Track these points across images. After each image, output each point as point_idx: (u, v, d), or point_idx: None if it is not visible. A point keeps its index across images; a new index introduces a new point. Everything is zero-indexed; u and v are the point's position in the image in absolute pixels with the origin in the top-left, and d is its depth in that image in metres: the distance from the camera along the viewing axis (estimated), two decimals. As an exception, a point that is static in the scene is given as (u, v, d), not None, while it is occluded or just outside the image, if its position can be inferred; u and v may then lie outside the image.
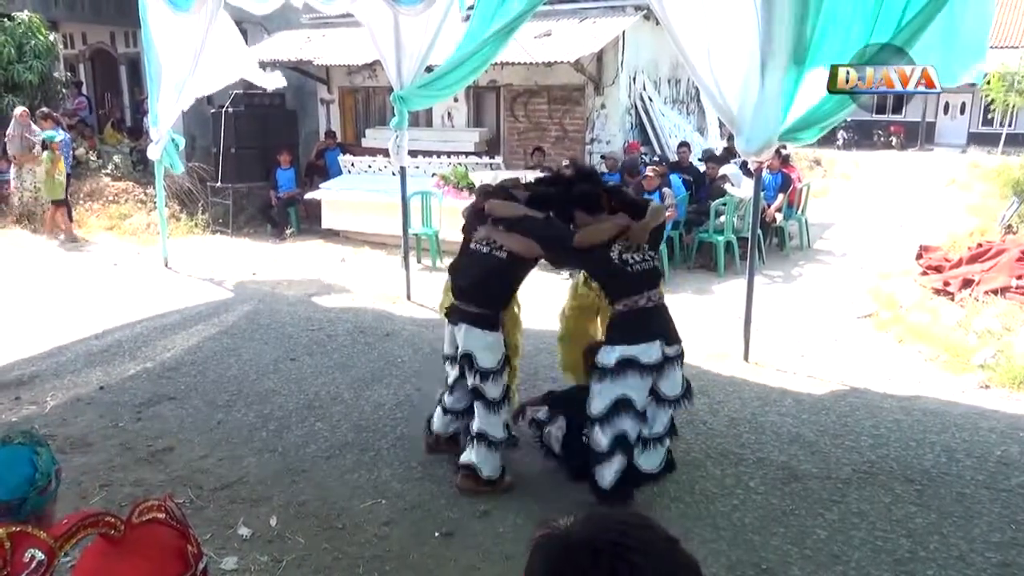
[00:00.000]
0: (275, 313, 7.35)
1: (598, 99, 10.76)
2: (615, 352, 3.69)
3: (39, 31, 13.06)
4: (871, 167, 20.71)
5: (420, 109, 10.80)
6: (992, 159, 20.71)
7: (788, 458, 4.42)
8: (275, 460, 4.46)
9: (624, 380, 3.65)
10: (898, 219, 12.66)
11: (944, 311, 7.09)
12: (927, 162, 23.49)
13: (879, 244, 10.65)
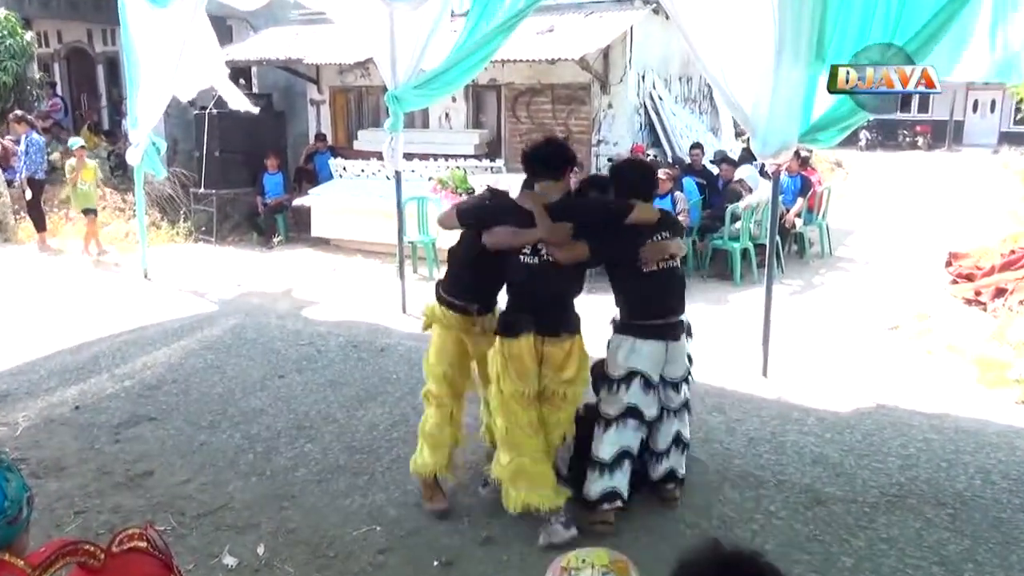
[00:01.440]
0: (262, 327, 7.34)
1: (605, 98, 10.79)
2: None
3: (14, 30, 13.13)
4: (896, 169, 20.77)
5: (416, 109, 10.82)
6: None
7: (811, 480, 4.40)
8: (262, 484, 4.44)
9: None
10: (925, 224, 12.66)
11: (976, 322, 7.08)
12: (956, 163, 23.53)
13: (905, 251, 10.65)
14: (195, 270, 9.89)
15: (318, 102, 13.07)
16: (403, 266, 8.08)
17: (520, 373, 3.71)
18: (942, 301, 7.86)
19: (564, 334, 3.76)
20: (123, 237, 11.32)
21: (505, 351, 3.73)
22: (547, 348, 3.73)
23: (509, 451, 3.77)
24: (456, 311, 4.01)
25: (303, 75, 12.91)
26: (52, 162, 12.12)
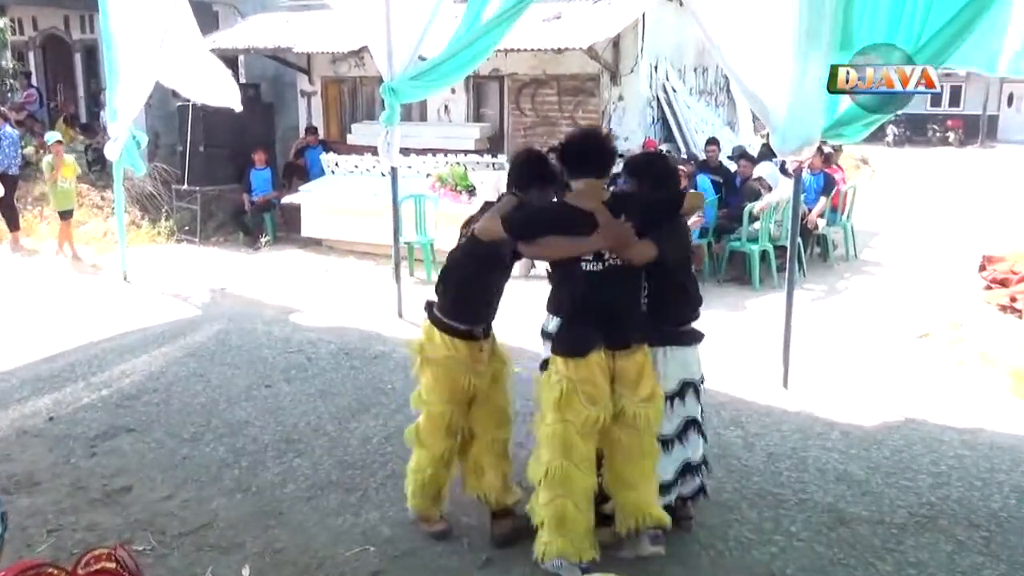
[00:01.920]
0: (248, 333, 7.34)
1: (615, 90, 10.81)
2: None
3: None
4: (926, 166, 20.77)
5: (413, 102, 10.86)
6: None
7: (834, 499, 4.38)
8: (248, 501, 4.43)
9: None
10: (957, 225, 12.64)
11: (1011, 330, 7.07)
12: (989, 160, 23.53)
13: (935, 254, 10.64)
14: (177, 272, 9.89)
15: (309, 93, 13.11)
16: (399, 269, 8.08)
17: (593, 397, 3.44)
18: (975, 308, 7.84)
19: (634, 344, 3.53)
20: (101, 237, 11.34)
21: (572, 374, 3.44)
22: (619, 363, 3.49)
23: (553, 489, 3.49)
24: (461, 337, 3.78)
25: (293, 64, 12.95)
26: (26, 156, 12.17)
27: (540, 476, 3.54)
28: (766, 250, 9.15)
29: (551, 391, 3.49)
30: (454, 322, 3.80)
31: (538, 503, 3.57)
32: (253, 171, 11.79)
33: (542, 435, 3.55)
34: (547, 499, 3.51)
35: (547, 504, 3.51)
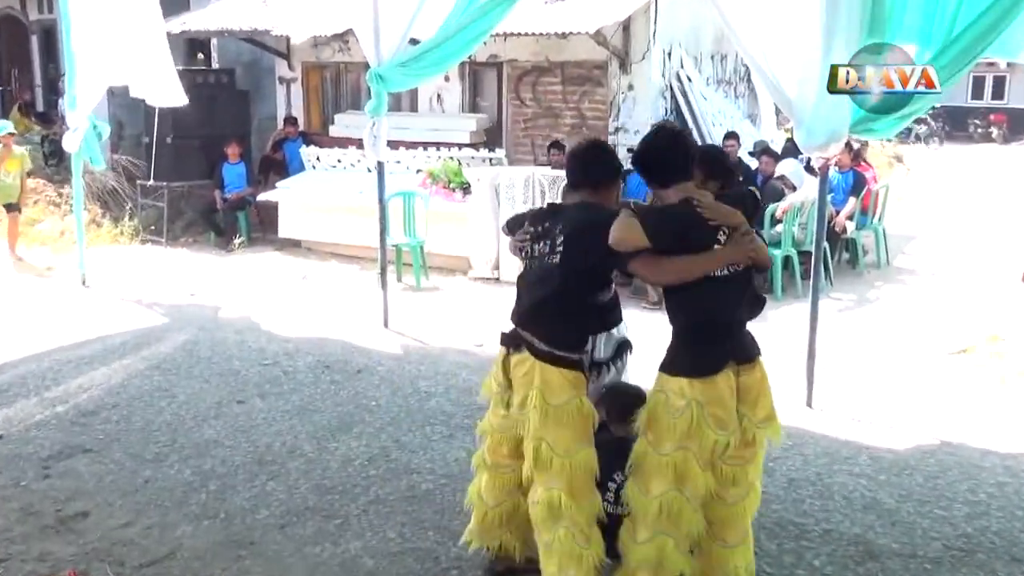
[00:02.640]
0: (219, 344, 7.35)
1: (624, 79, 10.82)
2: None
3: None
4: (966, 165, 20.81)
5: (403, 90, 10.87)
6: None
7: (862, 530, 4.38)
8: (216, 529, 4.43)
9: None
10: (999, 230, 12.66)
11: (1058, 345, 7.08)
12: (1037, 158, 23.54)
13: (975, 261, 10.66)
14: (142, 276, 9.90)
15: (288, 80, 13.12)
16: (385, 274, 8.08)
17: (723, 421, 3.34)
18: (1018, 319, 7.84)
19: (756, 355, 3.51)
20: (58, 236, 11.35)
21: (700, 396, 3.31)
22: (742, 379, 3.42)
23: (658, 526, 3.37)
24: (578, 369, 3.54)
25: (271, 49, 12.96)
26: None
27: (648, 510, 3.39)
28: (789, 256, 9.16)
29: (675, 417, 3.32)
30: (572, 352, 3.55)
31: (632, 540, 3.45)
32: (226, 165, 11.80)
33: (654, 464, 3.39)
34: (647, 536, 3.40)
35: (646, 542, 3.39)
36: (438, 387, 6.36)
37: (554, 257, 3.47)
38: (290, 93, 13.12)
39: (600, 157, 3.73)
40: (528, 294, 3.59)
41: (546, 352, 3.45)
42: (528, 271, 3.63)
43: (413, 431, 5.57)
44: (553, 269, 3.47)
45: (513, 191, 9.37)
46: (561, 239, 3.47)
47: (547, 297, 3.48)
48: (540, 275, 3.53)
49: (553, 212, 3.67)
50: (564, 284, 3.45)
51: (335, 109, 12.90)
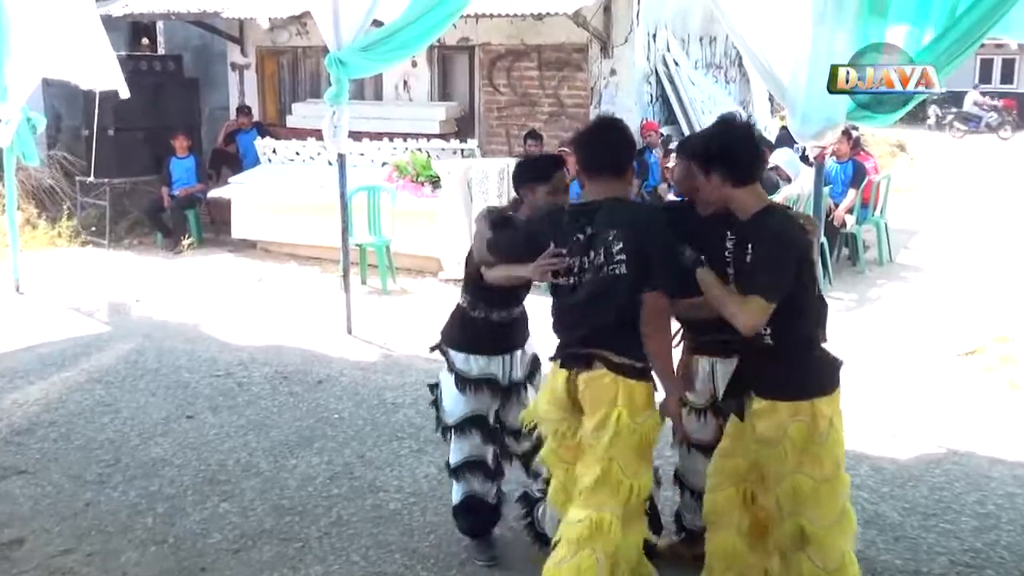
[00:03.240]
0: (166, 353, 7.31)
1: (606, 63, 10.87)
2: None
3: None
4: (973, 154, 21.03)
5: (366, 77, 10.86)
6: None
7: (864, 546, 4.40)
8: (164, 555, 4.40)
9: None
10: (1008, 224, 12.81)
11: (1071, 346, 7.17)
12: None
13: (983, 257, 10.78)
14: (82, 281, 9.83)
15: (241, 67, 13.09)
16: (348, 276, 8.07)
17: (841, 439, 3.57)
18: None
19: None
20: (-11, 239, 11.24)
21: (831, 412, 3.49)
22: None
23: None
24: (652, 382, 3.59)
25: (222, 33, 12.93)
26: None
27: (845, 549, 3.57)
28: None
29: (838, 442, 3.53)
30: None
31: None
32: (173, 160, 11.73)
33: (804, 497, 3.49)
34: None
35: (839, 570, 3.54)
36: (406, 398, 6.34)
37: (617, 268, 3.37)
38: (243, 81, 13.10)
39: (627, 137, 3.70)
40: (587, 312, 3.46)
41: (628, 365, 3.42)
42: (576, 286, 3.49)
43: (379, 446, 5.57)
44: (617, 281, 3.37)
45: (487, 185, 9.37)
46: (619, 246, 3.36)
47: (615, 310, 3.40)
48: (598, 289, 3.42)
49: (586, 213, 3.51)
50: (632, 295, 3.38)
51: (292, 98, 12.89)
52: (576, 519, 3.43)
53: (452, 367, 4.20)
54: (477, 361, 4.16)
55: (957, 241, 11.83)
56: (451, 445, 4.28)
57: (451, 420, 4.22)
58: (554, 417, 3.59)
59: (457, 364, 4.18)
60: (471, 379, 4.16)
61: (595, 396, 3.43)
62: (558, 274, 3.54)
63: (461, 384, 4.16)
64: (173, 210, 11.62)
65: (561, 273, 3.53)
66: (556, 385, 3.55)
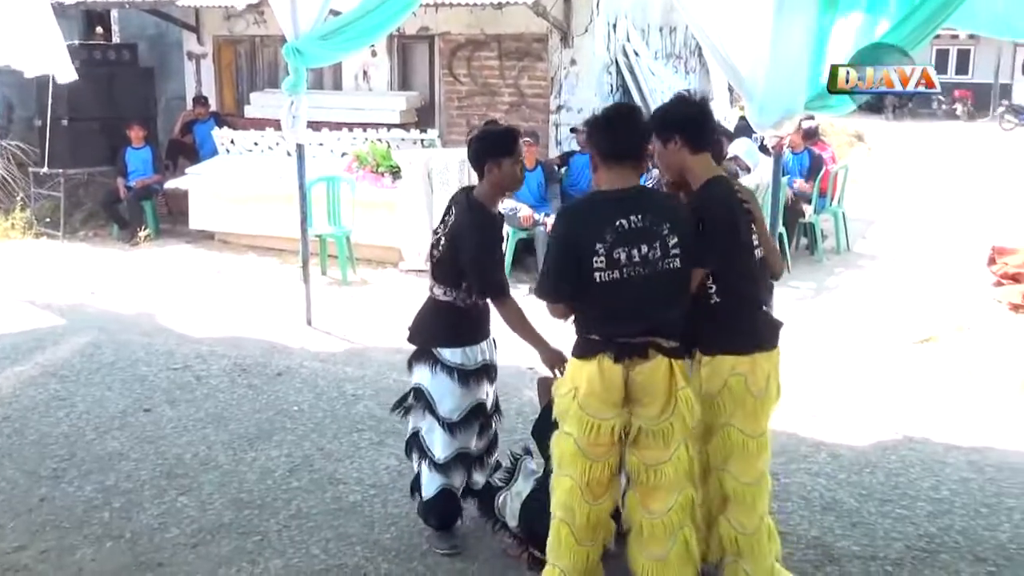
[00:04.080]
0: (123, 346, 7.26)
1: (566, 53, 10.86)
2: None
3: None
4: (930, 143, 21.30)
5: (324, 66, 10.79)
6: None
7: (821, 532, 4.47)
8: (120, 550, 4.37)
9: None
10: (964, 212, 13.01)
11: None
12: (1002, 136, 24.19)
13: (939, 245, 10.93)
14: (35, 273, 9.73)
15: (198, 56, 12.96)
16: (308, 267, 8.03)
17: (776, 400, 3.83)
18: (984, 307, 8.07)
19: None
20: (-61, 231, 11.08)
21: (769, 368, 3.74)
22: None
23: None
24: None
25: (178, 21, 12.78)
26: None
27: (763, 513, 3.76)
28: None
29: (772, 402, 3.75)
30: None
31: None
32: (129, 150, 11.59)
33: (762, 454, 3.73)
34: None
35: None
36: (366, 390, 6.34)
37: (673, 262, 3.39)
38: (200, 70, 12.96)
39: (646, 123, 3.69)
40: (648, 307, 3.41)
41: (676, 348, 3.47)
42: (625, 279, 3.38)
43: (339, 438, 5.55)
44: (676, 275, 3.42)
45: (447, 175, 9.35)
46: (675, 240, 3.39)
47: (678, 305, 3.47)
48: (659, 284, 3.40)
49: (624, 202, 3.44)
50: (687, 288, 3.51)
51: (250, 87, 12.78)
52: (666, 508, 3.49)
53: (447, 365, 4.12)
54: (474, 352, 4.16)
55: (914, 230, 11.98)
56: (438, 443, 4.19)
57: (456, 416, 4.16)
58: (608, 415, 3.42)
59: (456, 360, 4.12)
60: (471, 371, 4.15)
61: (655, 384, 3.42)
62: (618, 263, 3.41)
63: (463, 379, 4.12)
64: (129, 201, 11.49)
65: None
66: (610, 381, 3.40)
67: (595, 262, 3.34)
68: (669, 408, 3.42)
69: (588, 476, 3.49)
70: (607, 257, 3.34)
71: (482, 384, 4.21)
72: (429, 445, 4.22)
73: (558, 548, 3.60)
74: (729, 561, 3.71)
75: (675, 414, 3.42)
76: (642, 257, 3.35)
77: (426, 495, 4.26)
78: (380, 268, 9.84)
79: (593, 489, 3.51)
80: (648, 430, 3.43)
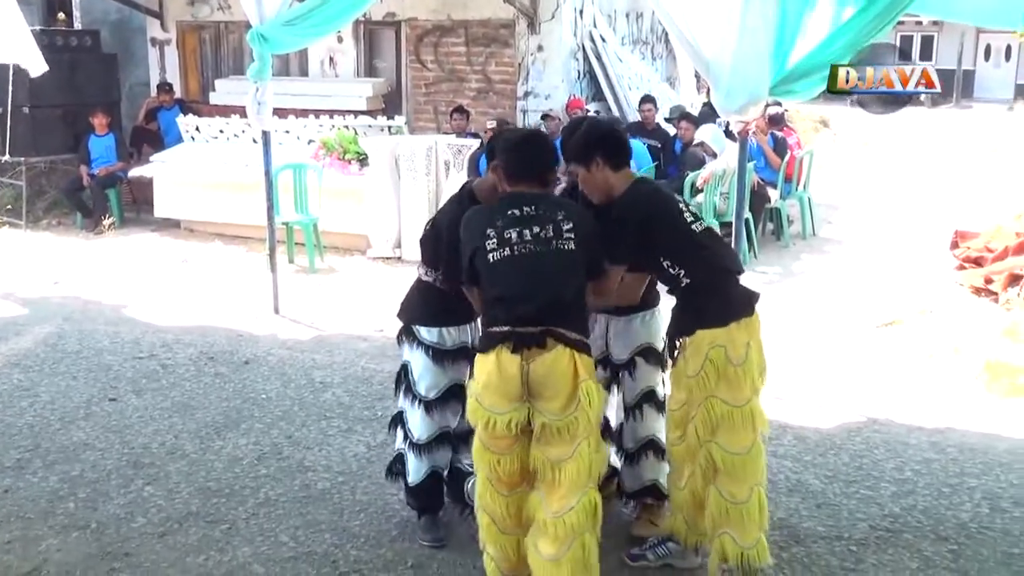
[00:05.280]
0: (87, 336, 7.20)
1: (533, 39, 10.87)
2: None
3: None
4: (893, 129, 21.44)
5: (290, 52, 10.72)
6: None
7: (787, 514, 4.52)
8: (86, 540, 4.34)
9: None
10: (928, 197, 13.15)
11: (986, 316, 7.39)
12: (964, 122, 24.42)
13: (903, 230, 11.04)
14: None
15: (161, 42, 12.85)
16: (275, 255, 7.98)
17: (760, 366, 3.90)
18: (946, 291, 8.17)
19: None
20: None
21: (747, 337, 3.79)
22: None
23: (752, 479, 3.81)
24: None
25: (141, 7, 12.66)
26: None
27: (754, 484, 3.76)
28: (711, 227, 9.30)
29: (757, 369, 3.83)
30: None
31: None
32: (92, 137, 11.49)
33: (749, 424, 3.76)
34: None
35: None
36: (334, 377, 6.32)
37: (566, 243, 3.48)
38: (164, 56, 12.86)
39: (553, 151, 3.84)
40: (539, 285, 3.43)
41: (580, 341, 3.45)
42: (514, 257, 3.46)
43: (307, 426, 5.54)
44: (569, 255, 3.49)
45: (415, 162, 9.34)
46: (569, 225, 3.50)
47: (571, 285, 3.52)
48: (551, 261, 3.47)
49: (522, 197, 3.61)
50: (580, 272, 3.54)
51: (215, 74, 12.69)
52: (566, 508, 3.39)
53: (423, 343, 4.16)
54: (450, 333, 4.16)
55: (878, 215, 12.09)
56: (417, 422, 4.21)
57: (433, 394, 4.18)
58: (502, 409, 3.39)
59: (431, 339, 4.15)
60: (447, 351, 4.16)
61: (555, 377, 3.37)
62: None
63: (438, 358, 4.15)
64: (93, 189, 11.39)
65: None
66: (507, 373, 3.36)
67: (487, 244, 3.45)
68: (572, 403, 3.38)
69: (497, 470, 3.49)
70: (498, 237, 3.45)
71: (460, 366, 4.19)
72: (410, 426, 4.24)
73: (486, 536, 3.65)
74: (719, 534, 3.71)
75: (579, 409, 3.38)
76: (533, 236, 3.45)
77: (412, 481, 4.26)
78: (348, 256, 9.81)
79: (505, 482, 3.52)
80: (551, 425, 3.39)
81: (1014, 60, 31.43)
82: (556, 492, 3.42)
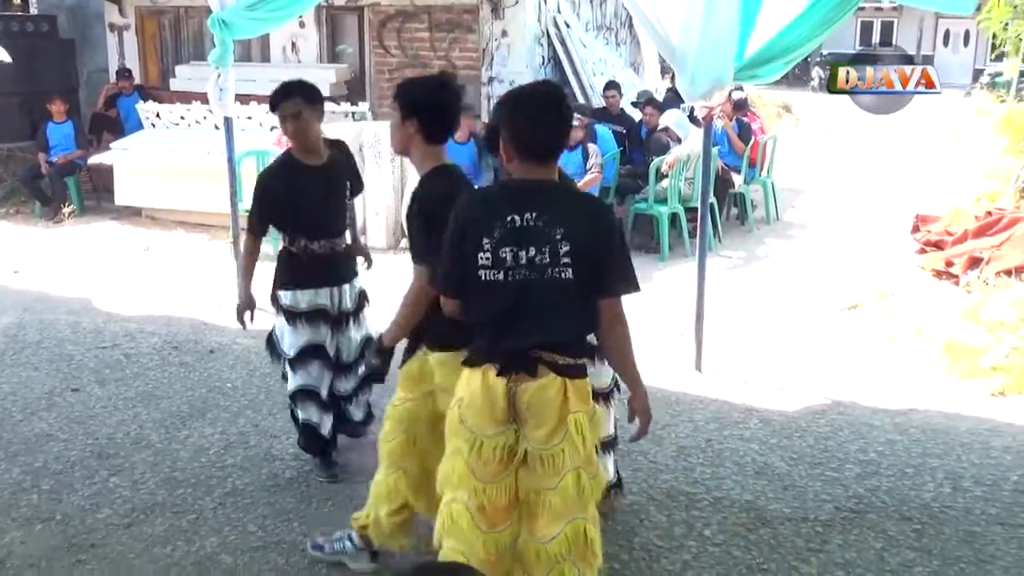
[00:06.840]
0: (48, 326, 7.13)
1: (497, 24, 10.84)
2: None
3: None
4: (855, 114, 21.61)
5: (252, 37, 10.61)
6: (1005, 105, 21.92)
7: (754, 496, 4.56)
8: (51, 532, 4.31)
9: None
10: (889, 182, 13.30)
11: (946, 299, 7.48)
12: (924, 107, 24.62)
13: (865, 214, 11.16)
14: (-45, 252, 9.47)
15: (120, 27, 12.67)
16: (238, 243, 7.90)
17: None
18: (907, 274, 8.26)
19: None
20: None
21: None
22: None
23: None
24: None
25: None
26: None
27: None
28: (676, 213, 9.37)
29: None
30: None
31: None
32: (50, 125, 11.33)
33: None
34: None
35: None
36: (301, 365, 6.29)
37: (563, 272, 3.05)
38: (123, 42, 12.68)
39: (570, 111, 3.36)
40: (533, 318, 3.09)
41: (572, 366, 3.15)
42: (507, 282, 3.07)
43: (274, 414, 5.50)
44: (565, 285, 3.06)
45: (379, 148, 9.30)
46: (567, 248, 3.04)
47: (566, 317, 3.12)
48: (545, 293, 3.07)
49: (522, 194, 3.13)
50: (579, 299, 3.12)
51: (176, 60, 12.55)
52: (549, 536, 3.16)
53: (279, 305, 4.61)
54: (305, 295, 4.55)
55: (841, 200, 12.21)
56: (290, 377, 4.69)
57: (292, 352, 4.61)
58: (489, 432, 3.14)
59: (286, 301, 4.59)
60: (300, 312, 4.55)
61: (543, 405, 3.11)
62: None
63: (292, 319, 4.57)
64: (52, 177, 11.23)
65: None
66: (492, 396, 3.11)
67: (479, 258, 3.05)
68: (559, 433, 3.12)
69: (481, 499, 3.17)
70: (493, 256, 3.04)
71: (317, 326, 4.59)
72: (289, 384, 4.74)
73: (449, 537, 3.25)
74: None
75: (566, 439, 3.12)
76: (528, 260, 3.04)
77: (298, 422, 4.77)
78: (312, 243, 9.74)
79: (489, 515, 3.19)
80: (536, 454, 3.14)
81: (971, 47, 31.80)
82: (539, 520, 3.20)
